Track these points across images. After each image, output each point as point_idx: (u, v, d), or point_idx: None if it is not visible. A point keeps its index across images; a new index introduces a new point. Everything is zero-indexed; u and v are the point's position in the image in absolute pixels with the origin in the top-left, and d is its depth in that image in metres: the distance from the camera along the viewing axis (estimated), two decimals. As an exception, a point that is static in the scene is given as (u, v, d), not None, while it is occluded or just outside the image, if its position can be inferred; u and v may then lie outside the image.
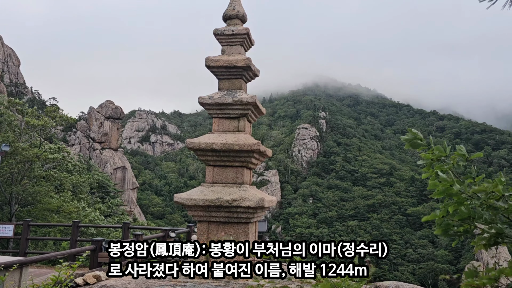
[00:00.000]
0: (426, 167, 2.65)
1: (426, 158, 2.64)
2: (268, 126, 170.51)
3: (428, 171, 2.63)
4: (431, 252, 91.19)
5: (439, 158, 2.60)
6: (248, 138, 6.88)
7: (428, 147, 2.67)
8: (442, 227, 2.49)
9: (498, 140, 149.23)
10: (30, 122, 24.54)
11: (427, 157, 2.63)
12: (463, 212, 2.40)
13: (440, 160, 2.60)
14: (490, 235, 2.36)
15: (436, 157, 2.60)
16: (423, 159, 2.66)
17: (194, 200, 6.56)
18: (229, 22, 7.52)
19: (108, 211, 36.63)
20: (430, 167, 2.62)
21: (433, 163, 2.61)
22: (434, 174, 2.55)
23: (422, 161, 2.66)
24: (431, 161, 2.62)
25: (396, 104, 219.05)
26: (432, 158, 2.62)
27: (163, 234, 13.62)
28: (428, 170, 2.63)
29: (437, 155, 2.60)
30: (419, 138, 2.72)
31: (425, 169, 2.65)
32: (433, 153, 2.62)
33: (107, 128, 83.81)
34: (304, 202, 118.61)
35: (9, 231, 15.43)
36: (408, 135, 2.74)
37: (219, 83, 7.34)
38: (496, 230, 2.32)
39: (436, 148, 2.61)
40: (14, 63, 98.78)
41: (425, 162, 2.65)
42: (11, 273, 7.32)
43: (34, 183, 23.57)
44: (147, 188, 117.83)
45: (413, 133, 2.72)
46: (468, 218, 2.41)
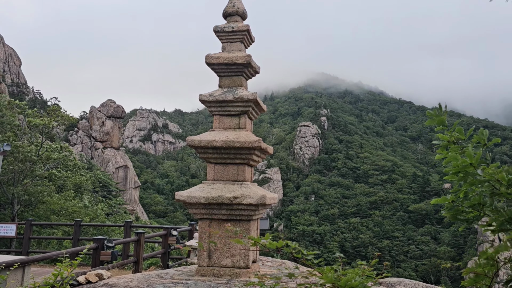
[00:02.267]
0: (440, 148, 2.59)
1: (443, 139, 2.57)
2: (269, 124, 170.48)
3: (443, 153, 2.57)
4: (433, 249, 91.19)
5: (457, 140, 2.54)
6: (249, 135, 6.86)
7: (448, 128, 2.60)
8: (452, 211, 2.47)
9: (500, 136, 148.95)
10: (32, 122, 24.58)
11: (444, 138, 2.56)
12: (474, 198, 2.37)
13: (457, 143, 2.54)
14: (502, 219, 2.33)
15: (454, 139, 2.54)
16: (439, 139, 2.58)
17: (196, 198, 6.54)
18: (229, 19, 7.49)
19: (109, 210, 36.69)
20: (445, 149, 2.56)
21: (449, 145, 2.54)
22: (448, 156, 2.49)
23: (438, 142, 2.59)
24: (447, 143, 2.55)
25: (397, 101, 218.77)
26: (449, 140, 2.55)
27: (165, 233, 13.63)
28: (442, 151, 2.57)
29: (456, 136, 2.54)
30: (444, 115, 2.63)
31: (439, 150, 2.59)
32: (451, 134, 2.54)
33: (109, 127, 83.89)
34: (306, 199, 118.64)
35: (12, 231, 15.49)
36: (434, 111, 2.65)
37: (220, 80, 7.32)
38: (509, 215, 2.29)
39: (458, 129, 2.53)
40: (15, 63, 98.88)
41: (441, 143, 2.58)
42: (14, 272, 7.33)
43: (36, 183, 23.62)
44: (149, 187, 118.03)
45: (440, 110, 2.63)
46: (478, 204, 2.39)
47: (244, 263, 6.44)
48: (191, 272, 6.83)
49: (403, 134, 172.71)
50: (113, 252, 10.06)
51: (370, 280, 3.01)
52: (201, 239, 6.69)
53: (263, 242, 2.92)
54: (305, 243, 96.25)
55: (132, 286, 5.84)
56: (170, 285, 5.82)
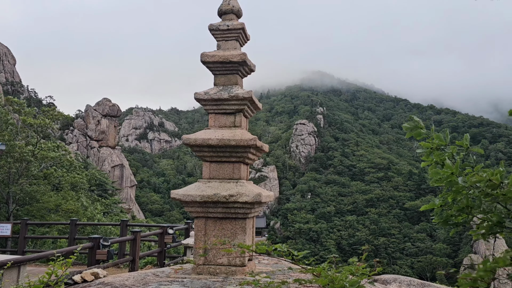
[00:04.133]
0: (425, 156, 2.64)
1: (426, 147, 2.63)
2: (265, 122, 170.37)
3: (427, 160, 2.62)
4: (429, 246, 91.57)
5: (439, 147, 2.59)
6: (244, 133, 6.86)
7: (428, 136, 2.67)
8: (442, 217, 2.49)
9: (495, 133, 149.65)
10: (27, 121, 24.45)
11: (426, 145, 2.63)
12: (461, 202, 2.39)
13: (439, 149, 2.59)
14: (491, 223, 2.35)
15: (436, 146, 2.60)
16: (422, 148, 2.65)
17: (191, 196, 6.54)
18: (224, 17, 7.48)
19: (106, 209, 36.60)
20: (429, 156, 2.62)
21: (432, 152, 2.60)
22: (433, 163, 2.54)
23: (421, 150, 2.66)
24: (430, 150, 2.61)
25: (393, 98, 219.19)
26: (431, 147, 2.61)
27: (161, 231, 13.62)
28: (427, 158, 2.63)
29: (437, 143, 2.59)
30: (420, 126, 2.71)
31: (424, 158, 2.65)
32: (433, 142, 2.61)
33: (105, 126, 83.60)
34: (303, 197, 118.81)
35: (7, 230, 15.42)
36: (410, 123, 2.72)
37: (215, 79, 7.31)
38: (498, 219, 2.31)
39: (436, 137, 2.60)
40: (10, 61, 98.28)
41: (424, 151, 2.64)
42: (9, 271, 7.31)
43: (32, 182, 23.51)
44: (146, 185, 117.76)
45: (415, 121, 2.70)
46: (466, 207, 2.41)
47: (240, 261, 6.45)
48: (187, 270, 6.84)
49: (399, 132, 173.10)
50: (109, 251, 10.04)
51: (365, 278, 3.01)
52: (197, 238, 6.69)
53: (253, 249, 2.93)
54: (302, 241, 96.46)
55: (128, 284, 5.84)
56: (166, 283, 5.82)
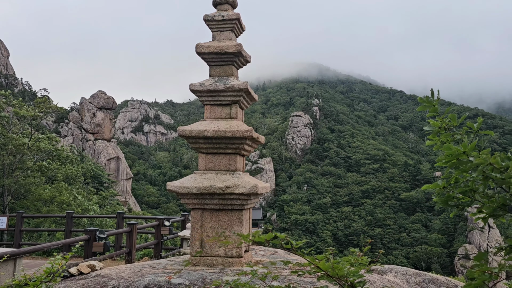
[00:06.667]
0: (432, 135, 2.54)
1: (434, 126, 2.52)
2: (261, 114, 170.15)
3: (433, 139, 2.53)
4: (424, 236, 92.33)
5: (449, 127, 2.49)
6: (240, 124, 6.84)
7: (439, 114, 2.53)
8: (443, 197, 2.45)
9: (490, 124, 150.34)
10: (19, 113, 24.25)
11: (435, 124, 2.52)
12: (465, 185, 2.34)
13: (448, 129, 2.49)
14: (494, 205, 2.31)
15: (445, 126, 2.49)
16: (430, 126, 2.54)
17: (187, 188, 6.52)
18: (219, 7, 7.42)
19: (102, 202, 36.54)
20: (436, 135, 2.51)
21: (441, 131, 2.50)
22: (439, 143, 2.45)
23: (429, 128, 2.54)
24: (438, 129, 2.51)
25: (388, 90, 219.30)
26: (440, 126, 2.50)
27: (157, 223, 13.62)
28: (433, 138, 2.53)
29: (448, 123, 2.49)
30: (435, 103, 2.57)
31: (430, 136, 2.55)
32: (443, 120, 2.49)
33: (100, 119, 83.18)
34: (299, 189, 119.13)
35: (3, 223, 15.37)
36: (426, 98, 2.61)
37: (210, 70, 7.26)
38: (502, 201, 2.26)
39: (451, 116, 2.48)
40: (3, 54, 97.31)
41: (432, 129, 2.53)
42: (5, 264, 7.29)
43: (26, 175, 23.40)
44: (142, 178, 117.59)
45: (432, 94, 2.58)
46: (470, 191, 2.37)
47: (237, 252, 6.47)
48: (184, 262, 6.84)
49: (395, 123, 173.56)
50: (105, 243, 10.03)
51: (363, 268, 3.02)
52: (193, 229, 6.69)
53: (251, 238, 2.91)
54: (298, 232, 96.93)
55: (125, 276, 5.84)
56: (162, 275, 5.82)
